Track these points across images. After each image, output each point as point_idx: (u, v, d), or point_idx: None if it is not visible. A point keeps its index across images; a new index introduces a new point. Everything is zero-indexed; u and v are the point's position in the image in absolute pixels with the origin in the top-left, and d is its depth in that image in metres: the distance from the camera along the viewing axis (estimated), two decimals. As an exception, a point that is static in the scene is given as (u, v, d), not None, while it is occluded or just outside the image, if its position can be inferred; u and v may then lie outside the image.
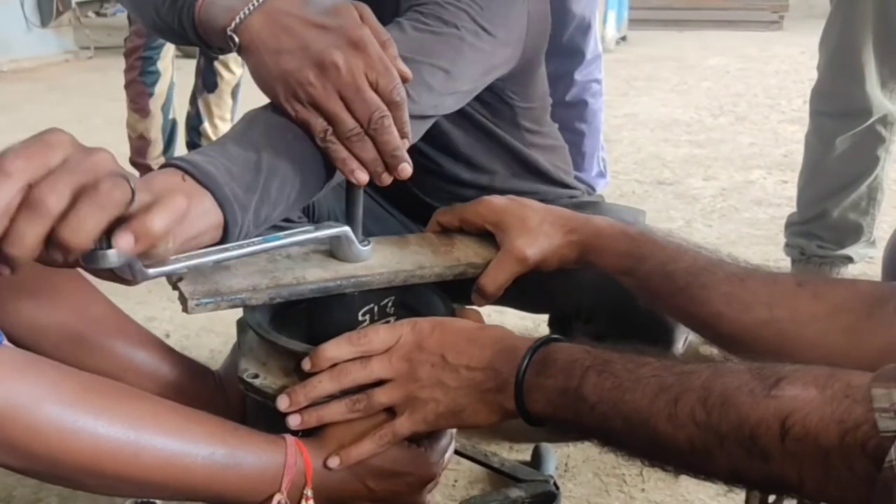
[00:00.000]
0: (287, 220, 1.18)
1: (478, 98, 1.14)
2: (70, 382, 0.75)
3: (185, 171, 0.76)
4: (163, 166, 0.79)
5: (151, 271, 0.72)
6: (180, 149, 2.71)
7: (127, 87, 2.51)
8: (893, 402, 0.55)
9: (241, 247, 0.80)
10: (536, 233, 0.94)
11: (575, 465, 1.38)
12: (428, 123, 1.01)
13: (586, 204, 1.36)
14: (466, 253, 0.96)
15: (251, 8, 0.85)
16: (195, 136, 2.71)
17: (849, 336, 0.78)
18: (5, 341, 0.74)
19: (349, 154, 0.83)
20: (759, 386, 0.62)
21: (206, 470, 0.77)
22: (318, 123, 0.82)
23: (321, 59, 0.80)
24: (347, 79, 0.80)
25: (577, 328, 1.27)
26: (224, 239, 0.79)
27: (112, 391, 0.78)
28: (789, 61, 5.19)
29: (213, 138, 2.69)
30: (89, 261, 0.64)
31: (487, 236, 0.98)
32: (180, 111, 2.65)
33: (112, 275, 0.70)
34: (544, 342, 0.78)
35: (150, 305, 2.03)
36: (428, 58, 0.96)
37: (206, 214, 0.76)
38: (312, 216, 1.23)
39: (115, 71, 4.88)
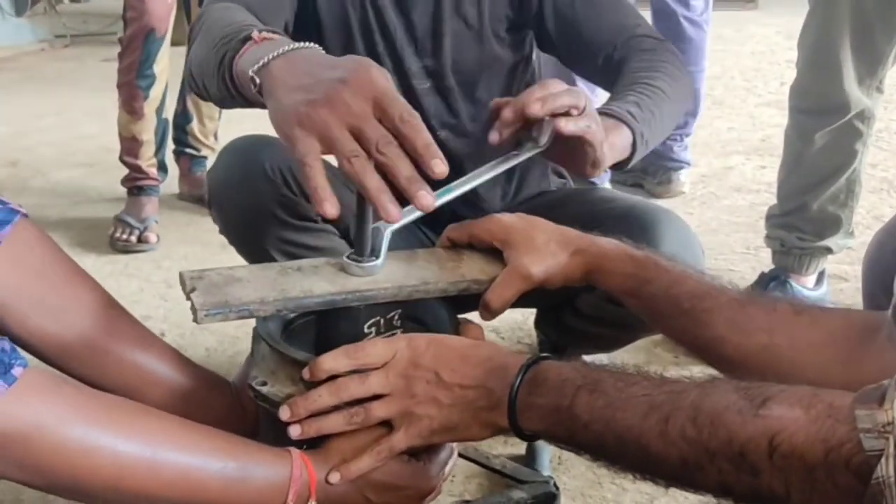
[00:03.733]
0: (309, 219, 1.22)
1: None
2: (91, 403, 0.79)
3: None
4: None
5: None
6: (170, 147, 2.70)
7: (120, 87, 2.46)
8: (876, 422, 0.59)
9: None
10: (542, 252, 0.97)
11: (568, 459, 1.42)
12: None
13: (586, 191, 1.44)
14: (472, 269, 0.99)
15: (276, 53, 0.88)
16: (182, 134, 2.71)
17: (844, 364, 0.82)
18: (30, 365, 0.77)
19: (383, 184, 0.81)
20: (746, 405, 0.66)
21: (218, 483, 0.81)
22: (348, 142, 0.81)
23: (330, 95, 0.81)
24: (356, 112, 0.80)
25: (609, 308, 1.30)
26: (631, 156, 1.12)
27: (130, 410, 0.82)
28: (765, 42, 5.21)
29: (201, 137, 2.70)
30: None
31: (495, 252, 1.01)
32: (169, 107, 2.62)
33: None
34: (535, 361, 0.82)
35: (144, 304, 2.04)
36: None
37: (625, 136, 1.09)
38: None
39: (92, 59, 4.88)
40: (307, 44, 0.90)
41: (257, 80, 0.88)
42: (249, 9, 1.13)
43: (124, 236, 2.38)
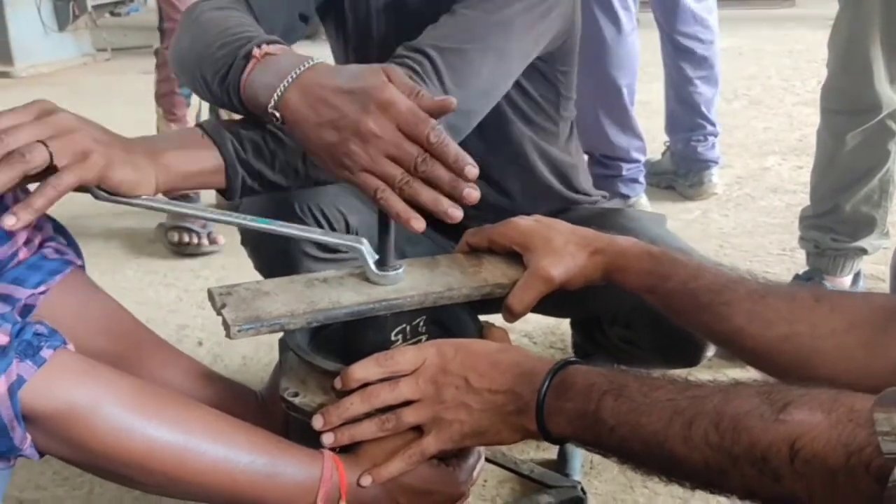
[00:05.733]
0: (337, 250, 1.23)
1: (524, 91, 1.27)
2: (125, 386, 0.80)
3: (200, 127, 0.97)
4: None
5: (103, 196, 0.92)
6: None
7: (160, 98, 2.53)
8: (894, 426, 0.59)
9: (226, 216, 0.97)
10: (562, 253, 0.98)
11: (600, 463, 1.43)
12: (479, 115, 1.11)
13: (610, 212, 1.40)
14: (494, 273, 1.01)
15: (287, 84, 0.89)
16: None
17: (867, 350, 0.82)
18: (70, 345, 0.79)
19: (404, 205, 0.86)
20: (768, 410, 0.67)
21: (246, 477, 0.83)
22: (372, 182, 0.87)
23: (358, 129, 0.84)
24: (387, 139, 0.84)
25: (612, 331, 1.32)
26: (227, 185, 0.96)
27: (164, 396, 0.84)
28: (802, 40, 5.15)
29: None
30: None
31: (515, 256, 1.02)
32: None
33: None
34: (562, 366, 0.83)
35: (182, 314, 2.08)
36: (480, 41, 1.08)
37: (204, 159, 0.94)
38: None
39: (132, 72, 4.96)
40: (311, 59, 0.91)
41: (278, 116, 0.90)
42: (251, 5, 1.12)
43: (194, 241, 2.40)
